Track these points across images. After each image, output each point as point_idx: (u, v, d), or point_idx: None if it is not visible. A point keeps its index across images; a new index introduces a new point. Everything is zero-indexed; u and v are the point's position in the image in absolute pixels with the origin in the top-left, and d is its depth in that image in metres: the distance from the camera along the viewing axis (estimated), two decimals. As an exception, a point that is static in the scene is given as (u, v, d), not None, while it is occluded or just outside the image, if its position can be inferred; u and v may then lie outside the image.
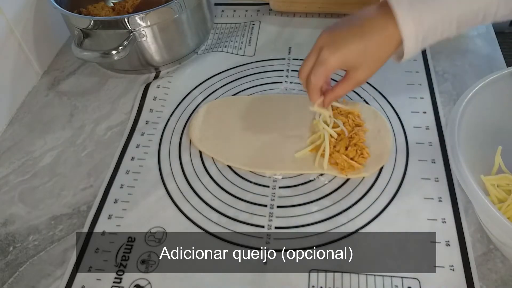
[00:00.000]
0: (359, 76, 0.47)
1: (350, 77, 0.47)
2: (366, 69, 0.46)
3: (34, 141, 0.61)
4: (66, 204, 0.53)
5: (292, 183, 0.53)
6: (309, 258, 0.46)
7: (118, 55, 0.59)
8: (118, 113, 0.64)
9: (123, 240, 0.49)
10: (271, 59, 0.69)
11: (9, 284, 0.47)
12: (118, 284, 0.45)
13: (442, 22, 0.42)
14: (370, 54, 0.45)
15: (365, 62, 0.46)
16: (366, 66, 0.46)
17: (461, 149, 0.43)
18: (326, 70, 0.46)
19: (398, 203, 0.50)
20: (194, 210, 0.51)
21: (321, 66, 0.46)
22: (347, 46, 0.45)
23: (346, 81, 0.48)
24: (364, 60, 0.45)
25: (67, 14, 0.62)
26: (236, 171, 0.55)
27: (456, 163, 0.42)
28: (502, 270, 0.44)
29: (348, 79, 0.48)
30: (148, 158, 0.57)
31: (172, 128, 0.60)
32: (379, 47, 0.45)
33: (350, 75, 0.47)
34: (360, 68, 0.46)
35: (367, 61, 0.46)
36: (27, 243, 0.50)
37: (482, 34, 0.71)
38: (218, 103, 0.63)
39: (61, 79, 0.70)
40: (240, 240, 0.48)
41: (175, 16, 0.64)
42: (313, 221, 0.49)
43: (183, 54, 0.70)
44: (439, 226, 0.47)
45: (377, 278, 0.44)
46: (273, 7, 0.77)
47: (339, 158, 0.52)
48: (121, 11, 0.72)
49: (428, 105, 0.60)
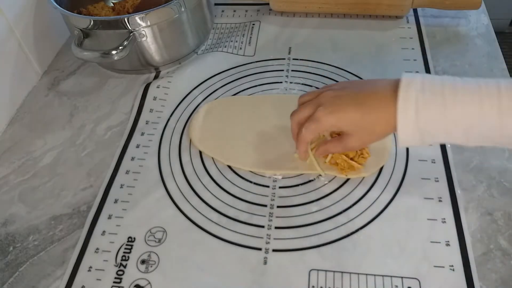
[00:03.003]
0: (350, 142, 0.46)
1: (342, 140, 0.47)
2: (358, 139, 0.46)
3: (34, 141, 0.61)
4: (66, 204, 0.53)
5: (292, 183, 0.53)
6: (309, 258, 0.46)
7: (118, 55, 0.59)
8: (118, 113, 0.64)
9: (123, 240, 0.49)
10: (271, 59, 0.69)
11: (9, 284, 0.47)
12: (118, 284, 0.46)
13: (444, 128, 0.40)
14: (364, 126, 0.44)
15: (358, 133, 0.45)
16: (358, 137, 0.46)
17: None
18: (317, 129, 0.46)
19: (398, 203, 0.50)
20: (194, 210, 0.51)
21: (314, 123, 0.46)
22: (344, 111, 0.44)
23: (338, 142, 0.48)
24: (357, 130, 0.45)
25: (67, 14, 0.62)
26: (236, 171, 0.55)
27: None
28: (502, 270, 0.44)
29: (340, 141, 0.47)
30: (148, 158, 0.57)
31: (172, 128, 0.60)
32: (374, 124, 0.44)
33: (343, 138, 0.47)
34: (352, 136, 0.46)
35: (359, 132, 0.45)
36: (27, 243, 0.50)
37: (482, 34, 0.71)
38: (218, 103, 0.63)
39: (61, 79, 0.70)
40: (240, 240, 0.48)
41: (175, 16, 0.64)
42: (313, 221, 0.49)
43: (183, 54, 0.70)
44: (439, 226, 0.47)
45: (377, 278, 0.44)
46: (273, 7, 0.77)
47: (339, 158, 0.52)
48: (121, 11, 0.72)
49: (428, 105, 0.60)
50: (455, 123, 0.40)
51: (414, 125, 0.41)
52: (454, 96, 0.39)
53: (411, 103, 0.40)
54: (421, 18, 0.74)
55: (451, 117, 0.39)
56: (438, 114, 0.40)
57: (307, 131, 0.47)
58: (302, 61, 0.68)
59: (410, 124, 0.41)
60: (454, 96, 0.39)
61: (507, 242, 0.46)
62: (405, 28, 0.73)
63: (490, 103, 0.38)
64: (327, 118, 0.45)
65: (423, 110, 0.40)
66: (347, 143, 0.47)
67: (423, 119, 0.40)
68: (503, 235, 0.47)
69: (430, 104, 0.40)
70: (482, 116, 0.38)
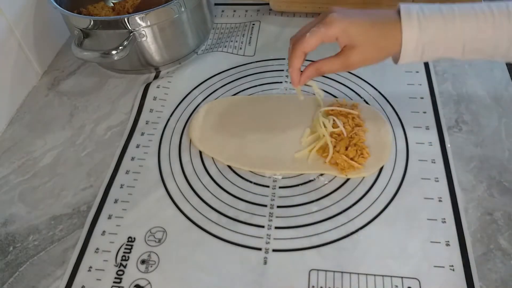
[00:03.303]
0: (352, 56, 0.45)
1: (342, 54, 0.46)
2: (362, 51, 0.45)
3: (34, 141, 0.61)
4: (66, 204, 0.53)
5: (292, 183, 0.53)
6: (309, 258, 0.46)
7: (118, 55, 0.59)
8: (118, 113, 0.64)
9: (123, 240, 0.49)
10: (271, 59, 0.69)
11: (9, 284, 0.47)
12: (118, 284, 0.46)
13: (446, 39, 0.43)
14: (372, 36, 0.44)
15: (364, 43, 0.45)
16: (363, 49, 0.45)
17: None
18: (327, 33, 0.44)
19: (398, 203, 0.50)
20: (194, 210, 0.51)
21: (323, 26, 0.44)
22: (355, 18, 0.45)
23: (336, 57, 0.46)
24: (364, 40, 0.44)
25: (67, 14, 0.62)
26: (236, 171, 0.55)
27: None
28: (502, 270, 0.44)
29: (339, 55, 0.46)
30: (148, 158, 0.57)
31: (172, 128, 0.60)
32: (381, 36, 0.44)
33: (343, 52, 0.46)
34: (356, 48, 0.45)
35: (366, 42, 0.45)
36: (27, 243, 0.50)
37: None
38: (218, 103, 0.63)
39: (61, 79, 0.70)
40: (240, 240, 0.48)
41: (175, 16, 0.64)
42: (313, 221, 0.49)
43: (183, 54, 0.70)
44: (439, 226, 0.47)
45: (377, 278, 0.44)
46: (273, 7, 0.77)
47: (339, 158, 0.52)
48: (121, 11, 0.72)
49: (428, 105, 0.60)
50: (454, 36, 0.43)
51: (418, 39, 0.43)
52: (452, 13, 0.43)
53: (413, 19, 0.43)
54: (421, 18, 0.74)
55: (451, 30, 0.42)
56: (439, 28, 0.43)
57: (313, 35, 0.44)
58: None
59: (414, 37, 0.43)
60: (452, 13, 0.43)
61: (507, 242, 0.46)
62: (405, 28, 0.73)
63: (484, 18, 0.42)
64: (338, 22, 0.44)
65: (425, 24, 0.43)
66: (349, 57, 0.45)
67: (426, 32, 0.43)
68: (503, 235, 0.47)
69: (431, 20, 0.43)
70: (479, 29, 0.42)
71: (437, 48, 0.44)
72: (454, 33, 0.43)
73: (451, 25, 0.42)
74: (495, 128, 0.57)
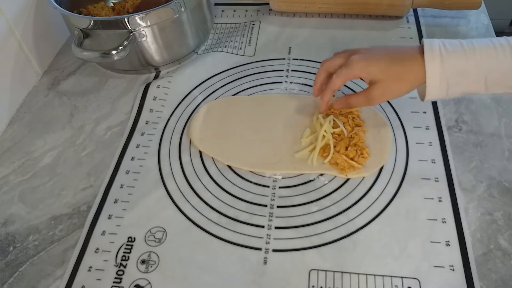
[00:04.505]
0: (374, 90, 0.49)
1: (366, 90, 0.50)
2: (382, 86, 0.48)
3: (34, 141, 0.61)
4: (66, 204, 0.53)
5: (292, 183, 0.53)
6: (309, 258, 0.46)
7: (118, 55, 0.59)
8: (118, 113, 0.64)
9: (123, 240, 0.49)
10: (271, 59, 0.69)
11: (9, 284, 0.47)
12: (118, 284, 0.46)
13: (468, 73, 0.45)
14: (392, 71, 0.48)
15: (385, 80, 0.48)
16: (384, 83, 0.48)
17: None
18: (348, 74, 0.49)
19: (398, 203, 0.50)
20: (194, 210, 0.51)
21: (345, 68, 0.49)
22: (376, 59, 0.49)
23: (361, 92, 0.51)
24: (385, 77, 0.48)
25: (67, 14, 0.62)
26: (236, 171, 0.55)
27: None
28: (502, 270, 0.44)
29: (364, 90, 0.51)
30: (148, 158, 0.57)
31: (172, 128, 0.60)
32: (402, 72, 0.48)
33: (367, 89, 0.50)
34: (378, 83, 0.48)
35: (387, 79, 0.48)
36: (27, 243, 0.50)
37: (482, 34, 0.71)
38: (218, 103, 0.63)
39: (61, 79, 0.70)
40: (240, 240, 0.48)
41: (175, 16, 0.64)
42: (313, 221, 0.49)
43: (183, 54, 0.70)
44: (439, 226, 0.47)
45: (377, 278, 0.44)
46: (273, 7, 0.77)
47: (339, 158, 0.52)
48: (121, 11, 0.72)
49: (428, 105, 0.60)
50: (475, 67, 0.44)
51: (441, 74, 0.45)
52: (472, 46, 0.45)
53: (436, 54, 0.45)
54: (421, 18, 0.74)
55: (472, 62, 0.44)
56: (460, 61, 0.45)
57: (338, 77, 0.50)
58: (302, 61, 0.68)
59: (438, 73, 0.45)
60: (472, 47, 0.45)
61: (507, 242, 0.46)
62: (405, 28, 0.73)
63: (503, 51, 0.44)
64: (360, 63, 0.49)
65: (447, 59, 0.45)
66: (371, 91, 0.49)
67: (448, 67, 0.45)
68: (503, 235, 0.47)
69: (452, 54, 0.45)
70: (498, 61, 0.44)
71: (460, 81, 0.45)
72: (475, 64, 0.44)
73: (472, 57, 0.44)
74: (495, 128, 0.57)
